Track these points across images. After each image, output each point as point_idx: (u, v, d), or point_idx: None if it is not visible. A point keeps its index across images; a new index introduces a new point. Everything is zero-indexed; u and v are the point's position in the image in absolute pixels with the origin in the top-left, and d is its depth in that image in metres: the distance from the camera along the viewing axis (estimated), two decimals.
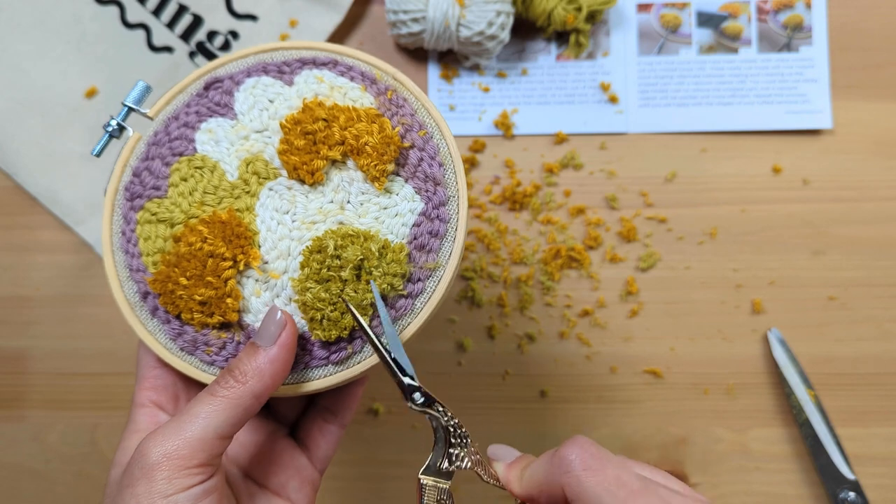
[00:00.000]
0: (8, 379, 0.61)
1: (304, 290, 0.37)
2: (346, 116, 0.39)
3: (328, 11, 0.61)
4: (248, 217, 0.39)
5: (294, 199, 0.39)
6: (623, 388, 0.60)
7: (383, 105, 0.41)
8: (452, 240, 0.39)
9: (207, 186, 0.40)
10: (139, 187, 0.41)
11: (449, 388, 0.60)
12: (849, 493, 0.55)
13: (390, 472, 0.60)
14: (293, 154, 0.39)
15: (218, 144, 0.41)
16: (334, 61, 0.42)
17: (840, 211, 0.60)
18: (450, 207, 0.39)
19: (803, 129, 0.61)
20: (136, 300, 0.40)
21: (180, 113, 0.42)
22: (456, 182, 0.40)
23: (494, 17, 0.57)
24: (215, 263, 0.38)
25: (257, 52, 0.43)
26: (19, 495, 0.60)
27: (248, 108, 0.41)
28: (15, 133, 0.60)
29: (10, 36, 0.60)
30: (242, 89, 0.41)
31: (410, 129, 0.40)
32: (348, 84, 0.41)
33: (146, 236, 0.40)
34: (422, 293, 0.39)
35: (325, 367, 0.39)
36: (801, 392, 0.57)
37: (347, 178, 0.39)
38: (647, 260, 0.60)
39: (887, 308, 0.59)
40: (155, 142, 0.42)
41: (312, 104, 0.40)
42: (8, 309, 0.61)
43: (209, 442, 0.33)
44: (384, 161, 0.38)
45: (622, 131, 0.61)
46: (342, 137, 0.39)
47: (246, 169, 0.40)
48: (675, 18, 0.62)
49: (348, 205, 0.39)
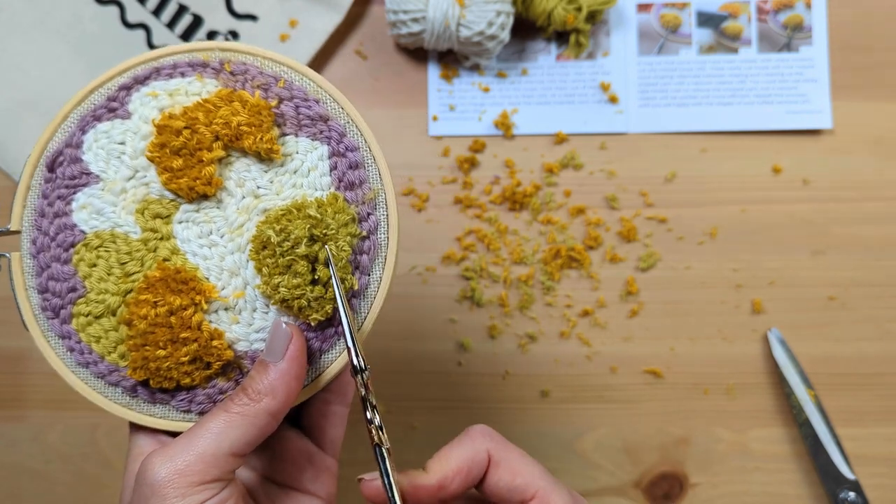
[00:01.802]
0: (8, 379, 0.61)
1: (275, 288, 0.36)
2: (204, 111, 0.37)
3: (328, 11, 0.61)
4: (179, 259, 0.37)
5: (209, 216, 0.37)
6: (623, 388, 0.60)
7: (229, 81, 0.38)
8: (372, 160, 0.38)
9: (120, 257, 0.37)
10: (55, 299, 0.38)
11: (449, 388, 0.60)
12: (849, 493, 0.55)
13: None
14: (179, 177, 0.37)
15: (102, 214, 0.38)
16: (155, 69, 0.39)
17: (840, 211, 0.60)
18: (350, 133, 0.38)
19: (803, 129, 0.61)
20: (128, 400, 0.38)
21: (43, 208, 0.38)
22: (341, 108, 0.38)
23: (494, 17, 0.57)
24: (179, 318, 0.36)
25: (75, 105, 0.39)
26: (19, 495, 0.60)
27: (105, 163, 0.38)
28: (15, 133, 0.60)
29: (10, 36, 0.60)
30: (86, 149, 0.38)
31: (269, 87, 0.38)
32: (183, 82, 0.38)
33: (96, 338, 0.37)
34: (378, 225, 0.37)
35: (339, 342, 0.37)
36: (801, 392, 0.57)
37: (242, 167, 0.38)
38: (647, 260, 0.60)
39: (887, 308, 0.60)
40: (39, 249, 0.38)
41: (164, 120, 0.37)
42: (8, 309, 0.61)
43: (222, 458, 0.32)
44: (265, 130, 0.37)
45: (622, 131, 0.61)
46: (213, 133, 0.37)
47: (144, 218, 0.38)
48: (675, 18, 0.62)
49: (260, 190, 0.37)
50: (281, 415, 0.34)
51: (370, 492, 0.35)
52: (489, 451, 0.35)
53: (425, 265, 0.60)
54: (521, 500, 0.35)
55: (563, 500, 0.35)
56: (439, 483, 0.35)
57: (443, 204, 0.61)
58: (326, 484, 0.40)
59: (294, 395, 0.35)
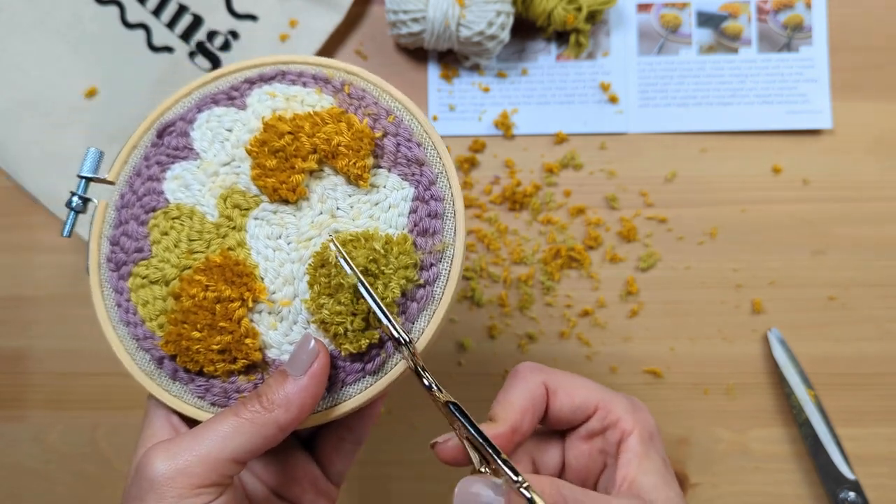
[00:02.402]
0: (8, 379, 0.61)
1: (319, 307, 0.36)
2: (311, 123, 0.38)
3: (328, 11, 0.61)
4: (242, 252, 0.38)
5: (283, 221, 0.38)
6: (623, 388, 0.60)
7: (344, 102, 0.39)
8: (452, 215, 0.38)
9: (191, 234, 0.38)
10: (122, 255, 0.39)
11: (449, 388, 0.59)
12: (849, 493, 0.55)
13: (390, 472, 0.60)
14: (268, 176, 0.38)
15: (189, 189, 0.39)
16: (281, 72, 0.40)
17: (840, 211, 0.60)
18: (441, 184, 0.38)
19: (803, 129, 0.61)
20: (153, 369, 0.38)
21: (141, 168, 0.40)
22: (439, 157, 0.39)
23: (494, 17, 0.57)
24: (224, 308, 0.36)
25: (201, 85, 0.41)
26: (19, 495, 0.60)
27: (209, 144, 0.39)
28: (15, 133, 0.60)
29: (10, 36, 0.60)
30: (197, 126, 0.40)
31: (378, 118, 0.39)
32: (302, 91, 0.40)
33: (144, 301, 0.38)
34: (437, 278, 0.37)
35: (363, 380, 0.37)
36: (801, 392, 0.57)
37: (330, 184, 0.38)
38: (647, 260, 0.60)
39: (887, 308, 0.60)
40: (123, 204, 0.40)
41: (272, 121, 0.38)
42: (8, 309, 0.61)
43: (222, 462, 0.32)
44: (361, 157, 0.37)
45: (622, 131, 0.61)
46: (313, 145, 0.37)
47: (225, 205, 0.39)
48: (675, 18, 0.62)
49: (339, 211, 0.38)
50: (290, 429, 0.34)
51: (448, 453, 0.35)
52: (544, 382, 0.37)
53: None
54: (586, 416, 0.37)
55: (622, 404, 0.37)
56: (512, 428, 0.36)
57: None
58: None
59: (307, 413, 0.34)
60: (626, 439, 0.36)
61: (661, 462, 0.36)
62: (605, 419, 0.36)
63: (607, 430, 0.37)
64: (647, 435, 0.36)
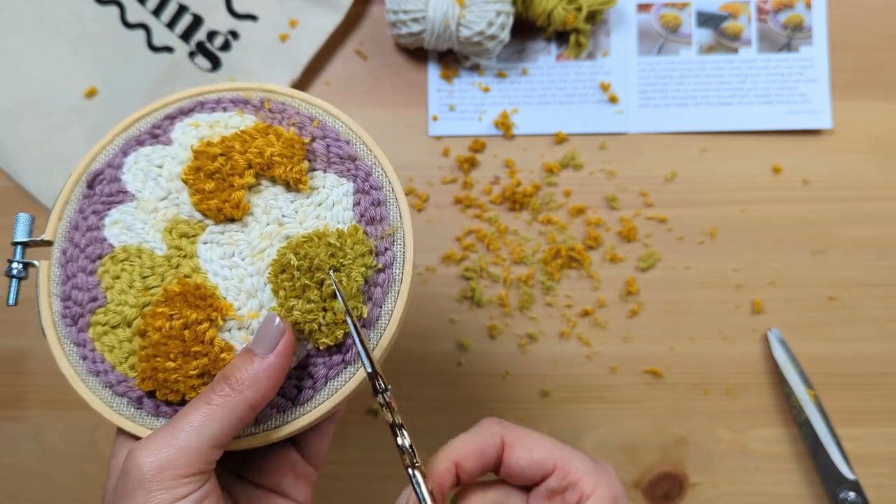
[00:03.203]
0: (8, 379, 0.61)
1: (289, 310, 0.36)
2: (240, 141, 0.39)
3: (328, 11, 0.61)
4: (199, 277, 0.38)
5: (232, 239, 0.39)
6: (623, 388, 0.60)
7: (266, 117, 0.41)
8: (395, 200, 0.39)
9: (143, 271, 0.39)
10: (76, 308, 0.39)
11: (449, 388, 0.60)
12: (849, 493, 0.55)
13: (390, 472, 0.60)
14: (209, 199, 0.38)
15: (131, 230, 0.39)
16: (199, 103, 0.41)
17: (840, 211, 0.60)
18: (376, 173, 0.40)
19: (803, 129, 0.61)
20: (132, 412, 0.38)
21: (78, 221, 0.40)
22: (369, 150, 0.40)
23: (494, 17, 0.57)
24: (193, 332, 0.37)
25: (121, 132, 0.41)
26: (19, 495, 0.60)
27: (142, 184, 0.40)
28: (15, 133, 0.60)
29: (10, 36, 0.60)
30: (126, 170, 0.40)
31: (304, 126, 0.40)
32: (224, 116, 0.41)
33: (109, 348, 0.38)
34: (395, 260, 0.39)
35: (345, 372, 0.38)
36: (801, 392, 0.57)
37: (270, 195, 0.39)
38: (647, 260, 0.60)
39: (887, 308, 0.59)
40: (67, 259, 0.40)
41: (202, 147, 0.39)
42: (8, 309, 0.61)
43: (204, 451, 0.33)
44: (296, 162, 0.38)
45: (622, 131, 0.61)
46: (247, 161, 0.38)
47: (171, 236, 0.39)
48: (675, 18, 0.62)
49: (285, 218, 0.39)
50: (260, 407, 0.35)
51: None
52: (501, 434, 0.36)
53: (425, 265, 0.60)
54: (544, 475, 0.36)
55: (584, 465, 0.36)
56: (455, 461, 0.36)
57: (443, 204, 0.61)
58: (304, 490, 0.41)
59: (274, 391, 0.35)
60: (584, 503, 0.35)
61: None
62: (563, 479, 0.36)
63: (566, 490, 0.36)
64: (608, 499, 0.35)
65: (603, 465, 0.37)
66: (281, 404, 0.37)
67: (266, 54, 0.60)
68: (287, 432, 0.37)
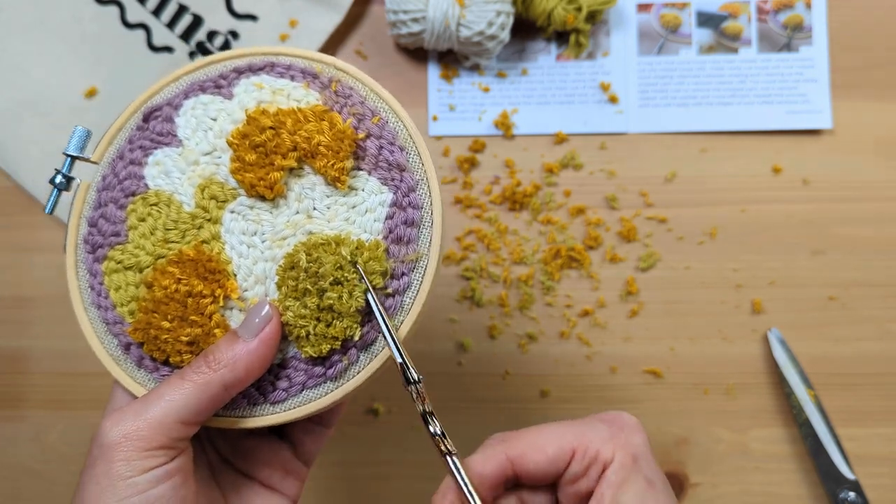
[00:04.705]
0: (8, 379, 0.61)
1: (284, 309, 0.36)
2: (294, 119, 0.37)
3: (328, 11, 0.61)
4: (216, 246, 0.38)
5: (259, 217, 0.38)
6: (623, 388, 0.60)
7: (330, 99, 0.38)
8: (430, 225, 0.37)
9: (167, 222, 0.38)
10: (98, 237, 0.39)
11: (449, 388, 0.60)
12: (849, 493, 0.55)
13: (391, 472, 0.60)
14: (247, 171, 0.37)
15: (168, 176, 0.39)
16: (271, 63, 0.40)
17: (840, 211, 0.60)
18: (420, 192, 0.37)
19: (803, 129, 0.61)
20: (119, 354, 0.38)
21: (124, 151, 0.39)
22: (422, 164, 0.38)
23: (494, 17, 0.57)
24: (195, 302, 0.36)
25: (191, 71, 0.40)
26: (19, 495, 0.60)
27: (192, 132, 0.39)
28: (15, 133, 0.60)
29: (10, 36, 0.60)
30: (182, 113, 0.39)
31: (363, 118, 0.38)
32: (289, 84, 0.39)
33: (116, 286, 0.38)
34: (408, 288, 0.37)
35: (323, 385, 0.37)
36: (801, 392, 0.57)
37: (308, 183, 0.38)
38: (647, 260, 0.60)
39: (887, 308, 0.59)
40: (105, 186, 0.39)
41: (255, 114, 0.37)
42: (8, 309, 0.61)
43: (169, 426, 0.33)
44: (341, 158, 0.37)
45: (622, 131, 0.61)
46: (293, 142, 0.37)
47: (202, 195, 0.38)
48: (675, 18, 0.62)
49: (315, 211, 0.37)
50: (235, 389, 0.34)
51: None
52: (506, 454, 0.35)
53: None
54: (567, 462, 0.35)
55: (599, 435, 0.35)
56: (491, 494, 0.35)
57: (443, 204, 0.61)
58: (293, 485, 0.40)
59: (254, 376, 0.35)
60: (606, 472, 0.34)
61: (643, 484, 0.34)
62: (584, 459, 0.34)
63: (590, 468, 0.34)
64: (628, 459, 0.34)
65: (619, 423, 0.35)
66: (253, 396, 0.37)
67: None
68: (251, 425, 0.37)
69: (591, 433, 0.35)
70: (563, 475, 0.35)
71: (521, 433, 0.36)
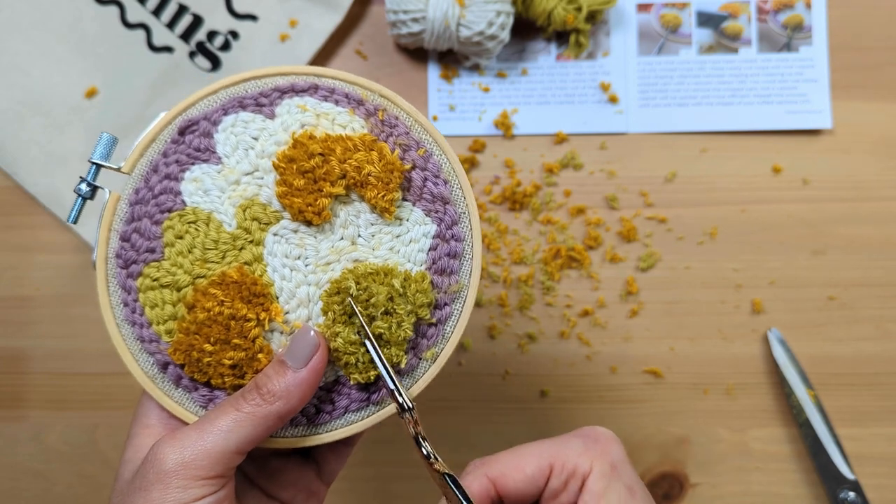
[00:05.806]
0: (8, 379, 0.61)
1: (334, 335, 0.36)
2: (343, 147, 0.37)
3: (328, 11, 0.61)
4: (258, 268, 0.37)
5: (303, 241, 0.38)
6: (623, 388, 0.60)
7: (376, 127, 0.38)
8: (470, 258, 0.38)
9: (206, 241, 0.37)
10: (132, 252, 0.38)
11: (449, 388, 0.60)
12: (849, 493, 0.56)
13: (392, 473, 0.60)
14: (295, 196, 0.37)
15: (207, 194, 0.38)
16: (314, 86, 0.39)
17: (840, 211, 0.60)
18: (462, 224, 0.38)
19: (803, 129, 0.61)
20: (156, 372, 0.38)
21: (159, 164, 0.38)
22: (464, 197, 0.38)
23: (494, 17, 0.57)
24: (239, 325, 0.36)
25: (229, 85, 0.39)
26: (19, 495, 0.60)
27: (232, 150, 0.38)
28: (15, 133, 0.60)
29: (10, 36, 0.60)
30: (221, 129, 0.38)
31: (409, 149, 0.38)
32: (334, 109, 0.38)
33: (152, 304, 0.37)
34: (449, 317, 0.38)
35: (366, 409, 0.38)
36: (801, 392, 0.57)
37: (353, 211, 0.38)
38: (647, 260, 0.60)
39: (887, 308, 0.60)
40: (138, 200, 0.38)
41: (303, 138, 0.37)
42: (8, 309, 0.61)
43: (228, 455, 0.33)
44: (391, 190, 0.37)
45: (622, 131, 0.61)
46: (343, 171, 0.37)
47: (244, 216, 0.38)
48: (675, 18, 0.62)
49: (360, 239, 0.38)
50: (288, 418, 0.35)
51: None
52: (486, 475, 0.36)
53: None
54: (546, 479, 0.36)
55: (575, 448, 0.35)
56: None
57: None
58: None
59: (303, 404, 0.35)
60: (586, 483, 0.35)
61: (624, 492, 0.34)
62: (562, 473, 0.35)
63: (569, 482, 0.35)
64: (607, 468, 0.35)
65: (593, 436, 0.36)
66: (296, 418, 0.37)
67: (266, 54, 0.60)
68: (292, 446, 0.37)
69: (566, 449, 0.35)
70: (543, 492, 0.36)
71: (499, 455, 0.36)
